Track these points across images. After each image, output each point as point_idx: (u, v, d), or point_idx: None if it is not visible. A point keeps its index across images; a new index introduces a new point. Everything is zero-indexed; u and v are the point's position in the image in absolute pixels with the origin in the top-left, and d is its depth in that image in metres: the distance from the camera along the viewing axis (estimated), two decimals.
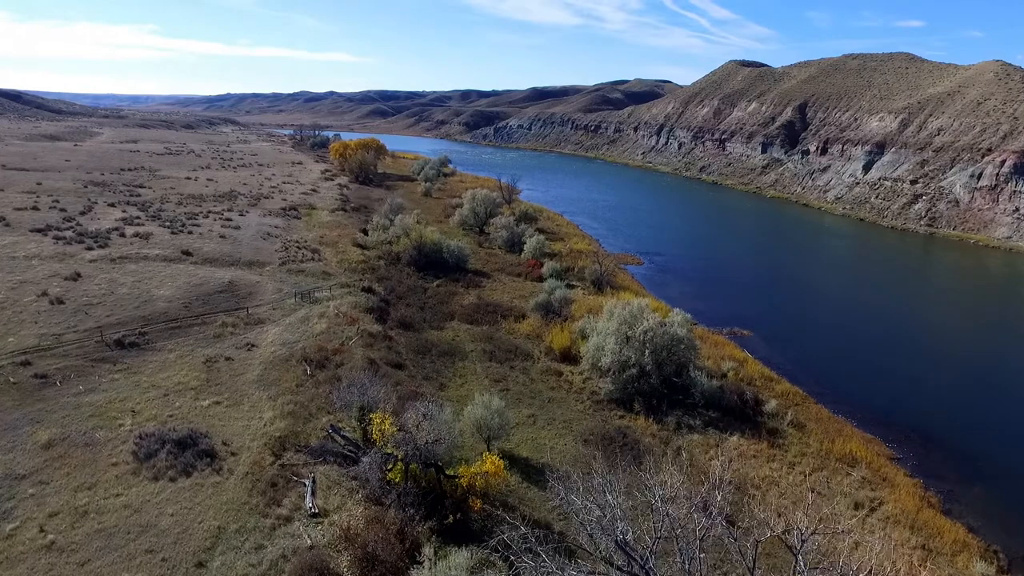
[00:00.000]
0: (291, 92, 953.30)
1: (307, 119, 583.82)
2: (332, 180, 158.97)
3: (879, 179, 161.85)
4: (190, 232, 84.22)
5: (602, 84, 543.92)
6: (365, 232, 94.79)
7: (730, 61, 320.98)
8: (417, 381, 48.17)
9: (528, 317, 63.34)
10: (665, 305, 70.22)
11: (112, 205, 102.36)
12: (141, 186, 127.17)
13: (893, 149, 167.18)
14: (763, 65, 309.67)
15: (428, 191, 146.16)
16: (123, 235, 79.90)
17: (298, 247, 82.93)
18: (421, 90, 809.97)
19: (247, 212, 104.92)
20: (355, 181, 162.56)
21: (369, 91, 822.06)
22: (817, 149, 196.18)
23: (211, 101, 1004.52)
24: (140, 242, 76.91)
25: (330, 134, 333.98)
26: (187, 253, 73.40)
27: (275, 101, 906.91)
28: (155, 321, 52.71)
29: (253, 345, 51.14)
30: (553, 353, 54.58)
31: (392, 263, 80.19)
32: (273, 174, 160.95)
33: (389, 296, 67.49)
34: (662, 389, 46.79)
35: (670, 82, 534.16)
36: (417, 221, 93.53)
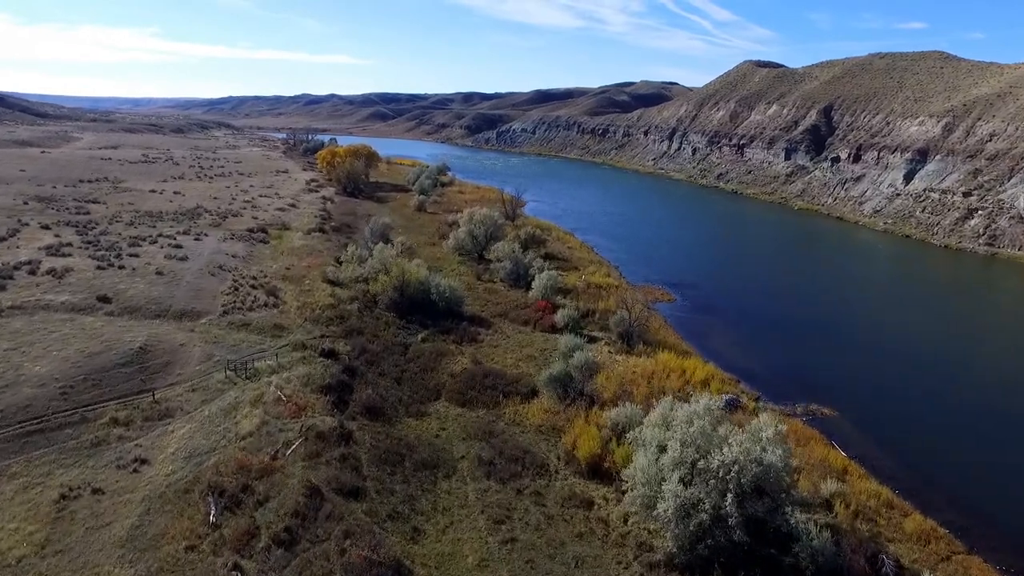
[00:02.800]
0: (292, 95, 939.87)
1: (307, 122, 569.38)
2: (317, 192, 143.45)
3: (924, 190, 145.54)
4: (122, 266, 68.42)
5: (608, 86, 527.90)
6: (341, 262, 78.99)
7: (745, 62, 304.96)
8: (379, 523, 32.25)
9: (540, 394, 47.40)
10: (719, 371, 54.16)
11: (46, 227, 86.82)
12: (95, 201, 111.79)
13: (938, 156, 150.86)
14: (780, 66, 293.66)
15: (422, 205, 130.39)
16: (34, 272, 64.16)
17: (253, 285, 67.07)
18: (423, 92, 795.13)
19: (205, 235, 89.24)
20: (343, 192, 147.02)
21: (370, 94, 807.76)
22: (849, 156, 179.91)
23: (212, 104, 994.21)
24: (50, 282, 61.15)
25: (326, 138, 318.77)
26: (104, 299, 57.58)
27: (276, 104, 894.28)
28: (7, 421, 36.86)
29: (144, 461, 35.27)
30: (577, 463, 38.60)
31: (368, 307, 64.27)
32: (251, 185, 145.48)
33: (357, 360, 51.51)
34: (745, 539, 30.76)
35: (677, 84, 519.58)
36: (401, 252, 77.49)
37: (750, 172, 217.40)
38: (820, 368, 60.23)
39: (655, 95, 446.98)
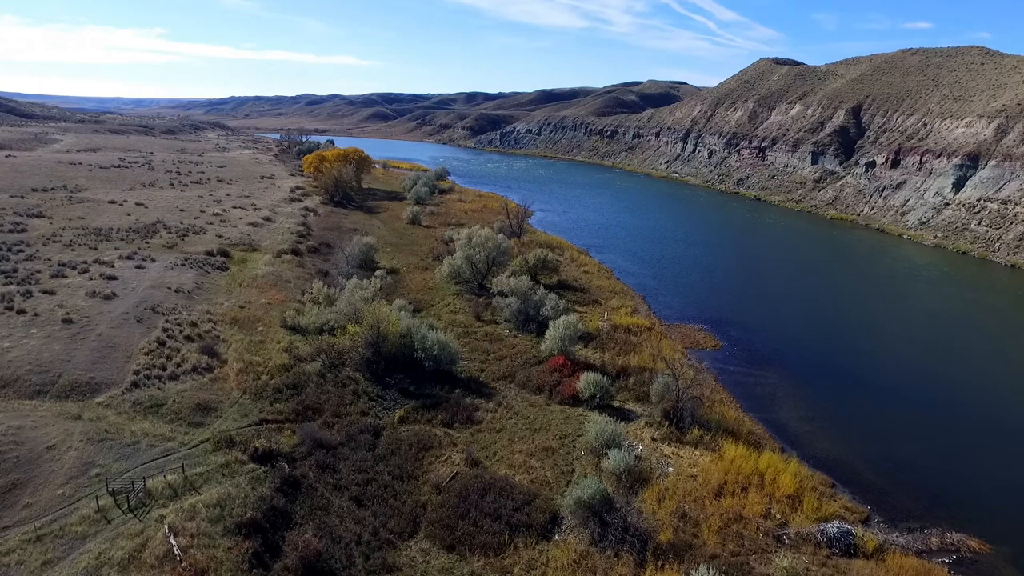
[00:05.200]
0: (294, 95, 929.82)
1: (307, 123, 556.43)
2: (300, 202, 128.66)
3: (979, 200, 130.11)
4: (22, 310, 53.59)
5: (614, 86, 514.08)
6: (308, 300, 64.05)
7: (762, 59, 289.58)
8: None
9: (564, 528, 32.48)
10: (806, 470, 39.05)
11: None
12: (39, 215, 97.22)
13: (993, 162, 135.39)
14: (800, 63, 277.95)
15: (415, 217, 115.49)
16: None
17: (188, 336, 52.22)
18: (425, 92, 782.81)
19: (152, 260, 74.47)
20: (329, 202, 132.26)
21: (372, 94, 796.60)
22: (886, 161, 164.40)
23: (213, 104, 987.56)
24: None
25: (322, 139, 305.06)
26: None
27: (277, 104, 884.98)
28: None
29: None
30: None
31: (334, 366, 49.40)
32: (228, 194, 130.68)
33: (305, 462, 36.64)
34: None
35: (686, 84, 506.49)
36: (381, 288, 62.44)
37: (773, 177, 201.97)
38: (936, 457, 44.99)
39: (663, 95, 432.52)
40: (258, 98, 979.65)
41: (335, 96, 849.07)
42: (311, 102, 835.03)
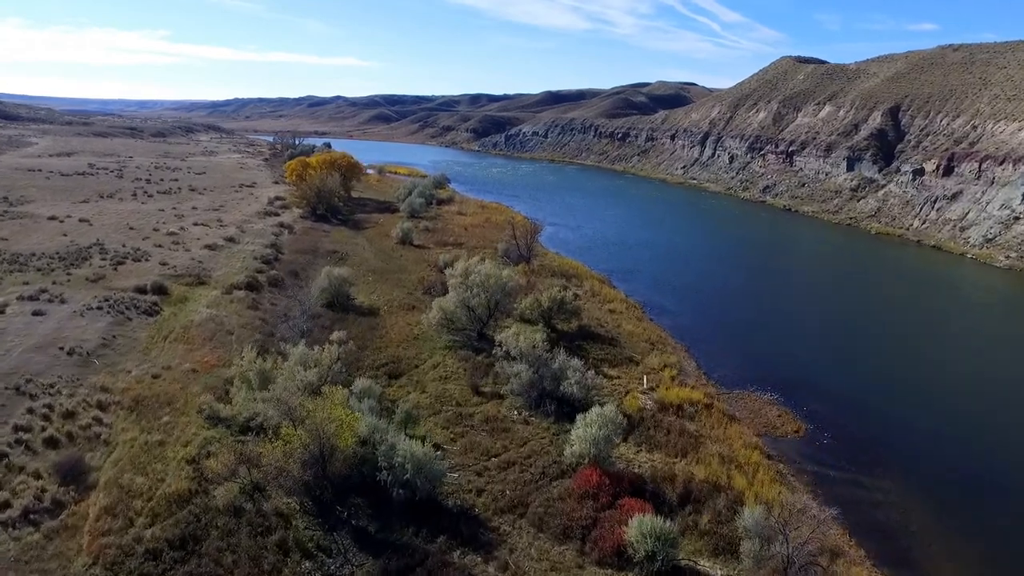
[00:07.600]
0: (297, 96, 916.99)
1: (308, 124, 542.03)
2: (277, 216, 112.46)
3: None
4: None
5: (623, 87, 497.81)
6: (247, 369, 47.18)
7: (784, 57, 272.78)
8: None
9: None
10: None
11: None
12: None
13: None
14: (824, 62, 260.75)
15: (407, 235, 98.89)
16: None
17: (51, 438, 35.70)
18: (429, 94, 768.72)
19: (60, 301, 58.11)
20: (311, 215, 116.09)
21: (375, 95, 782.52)
22: (938, 168, 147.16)
23: (215, 106, 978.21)
24: None
25: (318, 142, 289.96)
26: None
27: (279, 106, 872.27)
28: None
29: None
30: None
31: (257, 491, 32.88)
32: (195, 207, 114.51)
33: None
34: None
35: (696, 84, 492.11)
36: (339, 358, 45.33)
37: (804, 185, 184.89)
38: None
39: (673, 96, 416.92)
40: (260, 100, 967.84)
41: (338, 98, 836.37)
42: (313, 104, 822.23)
